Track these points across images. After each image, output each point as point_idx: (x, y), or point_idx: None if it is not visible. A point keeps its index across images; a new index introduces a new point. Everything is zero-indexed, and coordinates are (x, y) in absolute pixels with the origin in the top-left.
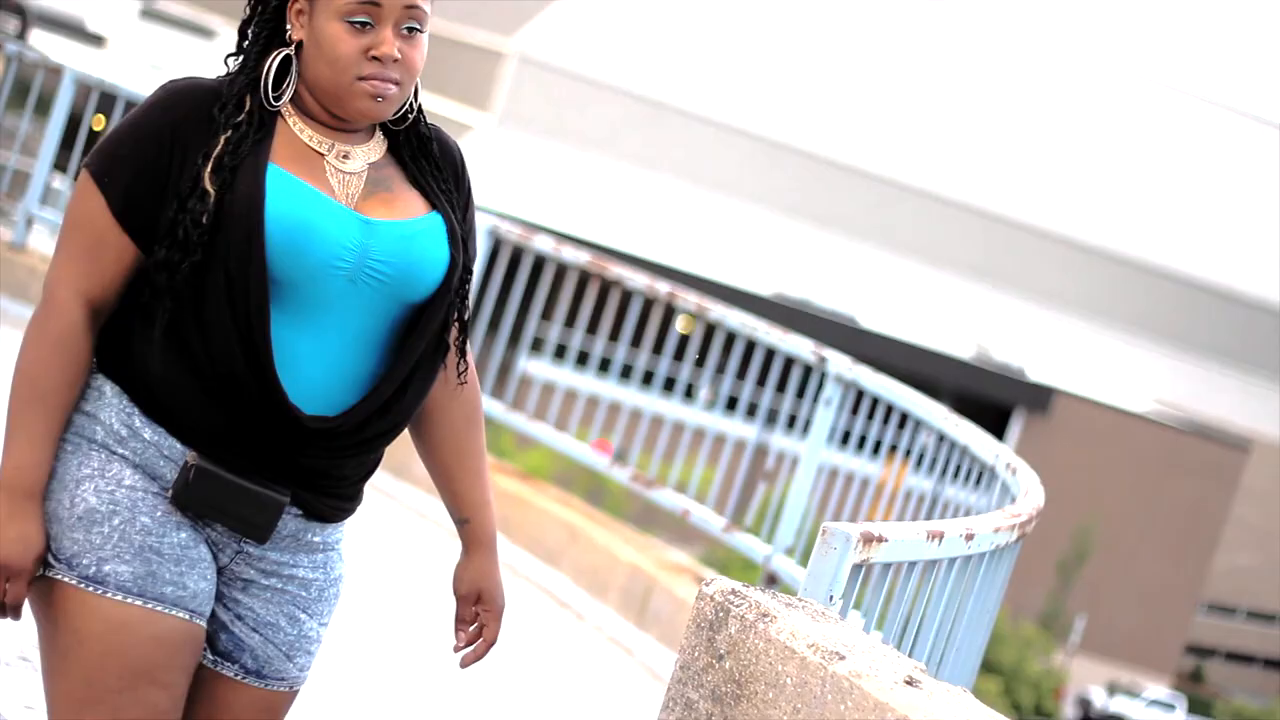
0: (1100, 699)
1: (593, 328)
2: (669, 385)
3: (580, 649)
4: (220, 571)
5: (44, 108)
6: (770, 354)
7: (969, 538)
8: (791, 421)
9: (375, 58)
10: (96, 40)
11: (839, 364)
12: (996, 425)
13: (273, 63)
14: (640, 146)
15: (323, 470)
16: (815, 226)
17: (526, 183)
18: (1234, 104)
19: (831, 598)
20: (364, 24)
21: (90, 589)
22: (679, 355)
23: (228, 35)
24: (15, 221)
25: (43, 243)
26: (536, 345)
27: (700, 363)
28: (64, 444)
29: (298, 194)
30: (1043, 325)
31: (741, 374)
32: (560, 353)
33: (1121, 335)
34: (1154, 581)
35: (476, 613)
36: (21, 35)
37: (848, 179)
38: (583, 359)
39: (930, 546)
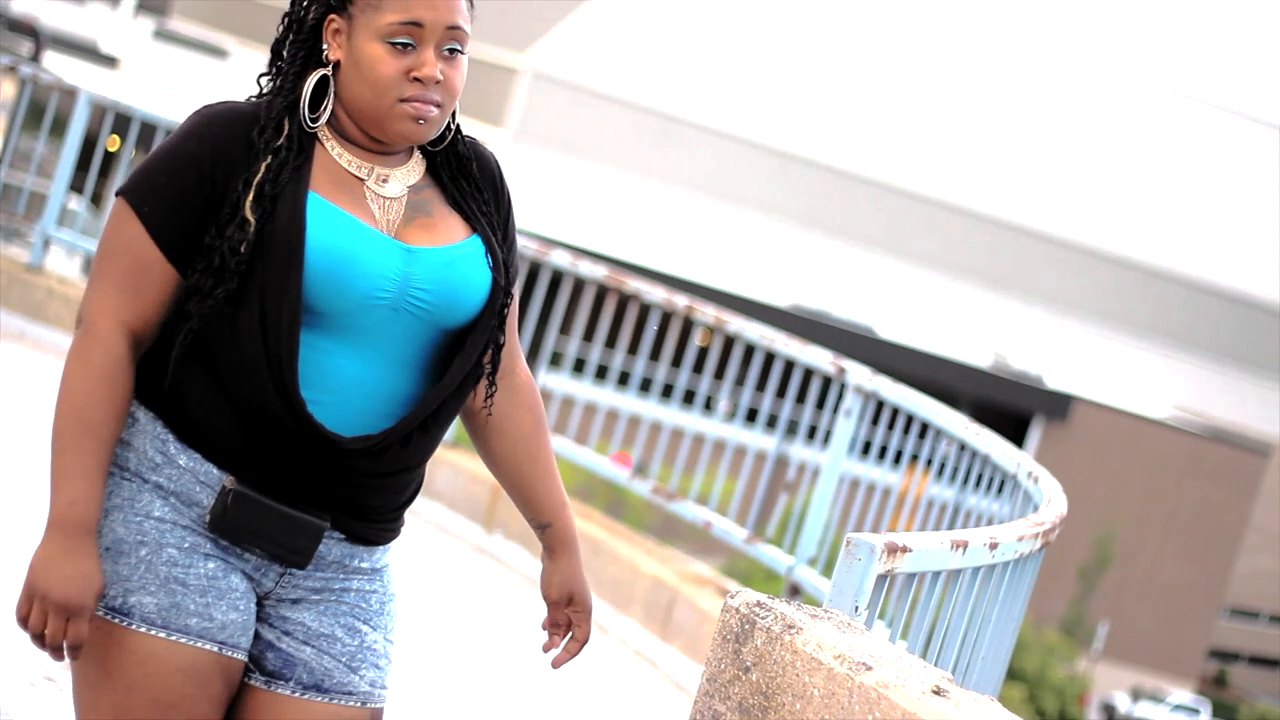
0: (1124, 705)
1: (611, 341)
2: (689, 398)
3: (605, 661)
4: (266, 596)
5: (59, 129)
6: (790, 366)
7: (993, 547)
8: (812, 432)
9: (417, 79)
10: (110, 61)
11: (858, 375)
12: (1015, 433)
13: (310, 84)
14: (655, 160)
15: (363, 494)
16: (830, 237)
17: (542, 198)
18: (1242, 109)
19: (857, 608)
20: (405, 45)
21: (116, 620)
22: (698, 368)
23: (240, 55)
24: (32, 243)
25: (59, 264)
26: (555, 359)
27: (720, 375)
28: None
29: (339, 225)
30: (1060, 333)
31: (761, 386)
32: (579, 367)
33: (1139, 341)
34: (1176, 586)
35: (568, 615)
36: (35, 58)
37: (862, 189)
38: (602, 373)
39: (955, 556)
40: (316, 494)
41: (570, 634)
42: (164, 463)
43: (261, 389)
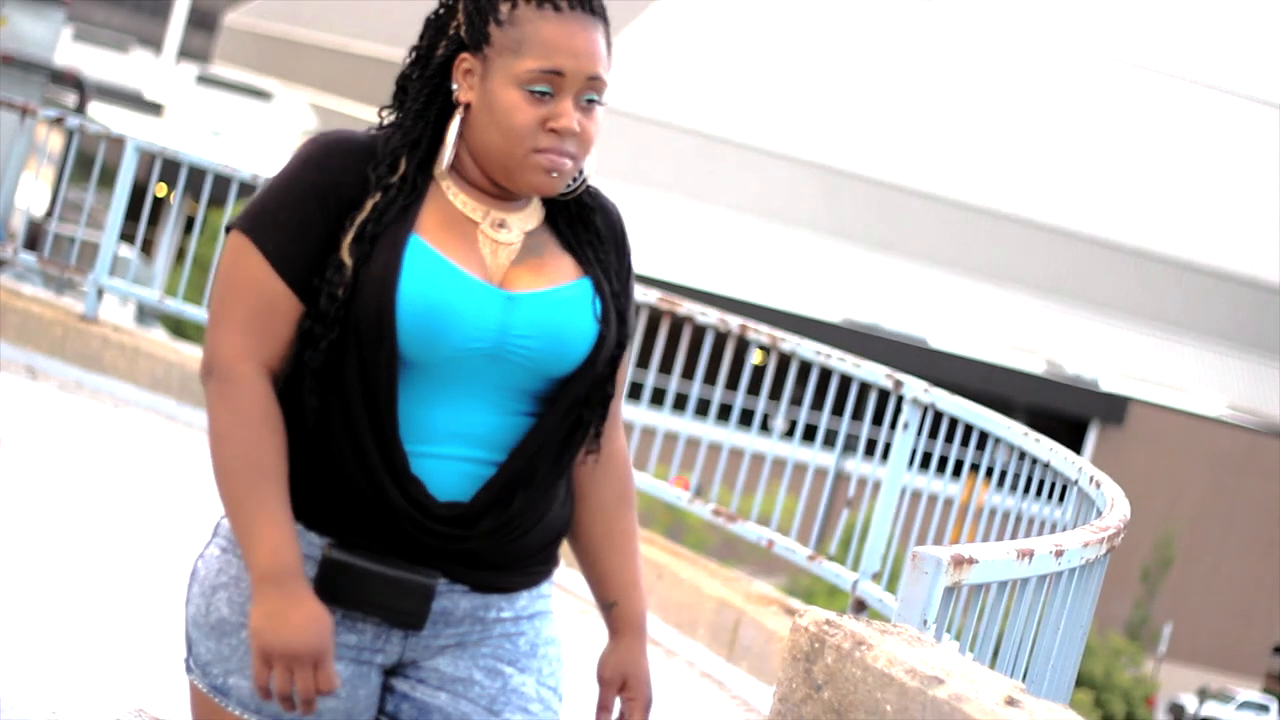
0: (1192, 705)
1: (666, 366)
2: (746, 418)
3: (673, 685)
4: (397, 665)
5: (107, 179)
6: (846, 381)
7: (1059, 554)
8: (870, 447)
9: (553, 130)
10: (155, 109)
11: (914, 388)
12: (1072, 438)
13: (428, 124)
14: (701, 182)
15: (472, 547)
16: (879, 250)
17: None
18: None
19: (925, 622)
20: (544, 93)
21: (217, 699)
22: (754, 388)
23: (284, 96)
24: (86, 293)
25: (113, 313)
26: None
27: (776, 394)
28: (212, 544)
29: (436, 271)
30: (1113, 335)
31: (818, 403)
32: (635, 392)
33: (1191, 340)
34: (1239, 584)
35: (622, 701)
36: (81, 109)
37: (906, 201)
38: (658, 397)
39: (1021, 565)
40: (420, 550)
41: None
42: None
43: (361, 442)
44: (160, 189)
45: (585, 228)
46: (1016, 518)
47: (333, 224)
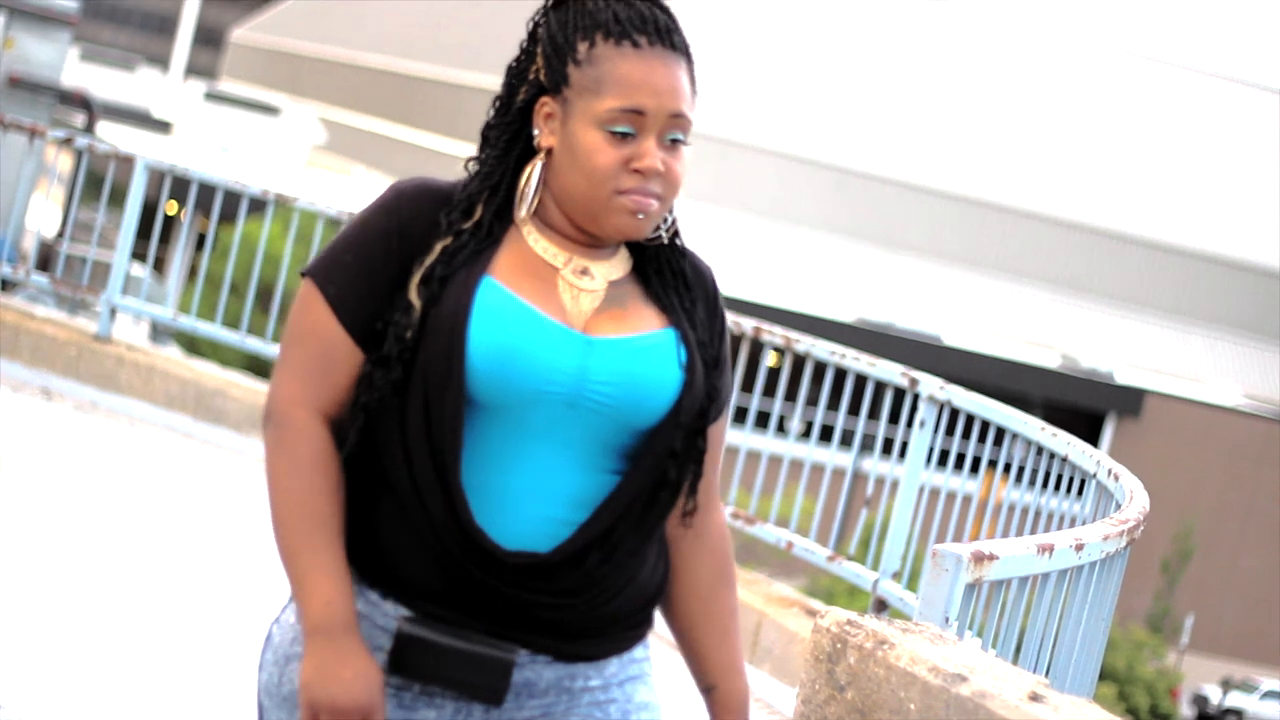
0: (1216, 696)
1: None
2: (762, 420)
3: (695, 689)
4: None
5: (117, 198)
6: (861, 381)
7: (1079, 548)
8: (887, 446)
9: (637, 170)
10: (163, 127)
11: (930, 385)
12: (1089, 432)
13: (508, 170)
14: (711, 185)
15: (550, 613)
16: (890, 248)
17: None
18: None
19: (947, 620)
20: (625, 134)
21: None
22: (769, 390)
23: (292, 111)
24: (99, 313)
25: (126, 332)
26: None
27: (791, 395)
28: (289, 609)
29: (509, 311)
30: (1126, 328)
31: (834, 403)
32: None
33: (1205, 331)
34: (1259, 574)
35: None
36: (89, 129)
37: (916, 198)
38: None
39: (1041, 560)
40: (499, 617)
41: None
42: None
43: (427, 486)
44: (171, 207)
45: (674, 276)
46: (1035, 513)
47: (398, 268)
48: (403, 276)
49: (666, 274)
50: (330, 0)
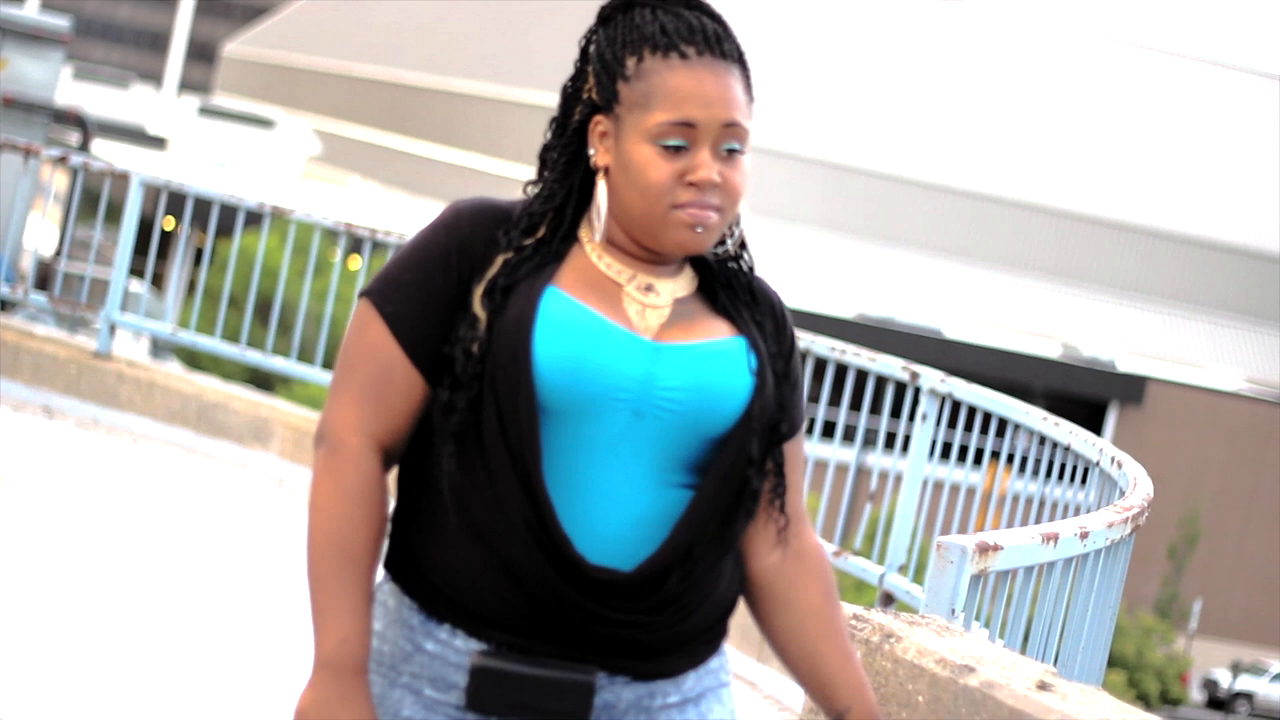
0: (1226, 680)
1: None
2: None
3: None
4: None
5: (114, 215)
6: (862, 376)
7: (1084, 536)
8: (890, 440)
9: (692, 183)
10: (158, 143)
11: (931, 379)
12: (1092, 420)
13: (570, 191)
14: None
15: (628, 632)
16: (888, 243)
17: None
18: None
19: (954, 611)
20: (678, 147)
21: None
22: None
23: (286, 123)
24: (98, 330)
25: (126, 348)
26: None
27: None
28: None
29: (574, 317)
30: (1126, 315)
31: (835, 399)
32: None
33: (1205, 316)
34: (1266, 557)
35: None
36: (84, 146)
37: (911, 192)
38: None
39: (1046, 549)
40: (577, 640)
41: None
42: (413, 650)
43: (512, 498)
44: (168, 222)
45: (741, 291)
46: (1040, 502)
47: (457, 286)
48: (462, 295)
49: (734, 288)
50: (322, 12)
